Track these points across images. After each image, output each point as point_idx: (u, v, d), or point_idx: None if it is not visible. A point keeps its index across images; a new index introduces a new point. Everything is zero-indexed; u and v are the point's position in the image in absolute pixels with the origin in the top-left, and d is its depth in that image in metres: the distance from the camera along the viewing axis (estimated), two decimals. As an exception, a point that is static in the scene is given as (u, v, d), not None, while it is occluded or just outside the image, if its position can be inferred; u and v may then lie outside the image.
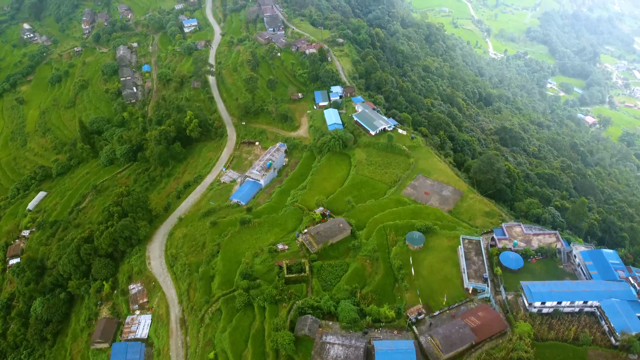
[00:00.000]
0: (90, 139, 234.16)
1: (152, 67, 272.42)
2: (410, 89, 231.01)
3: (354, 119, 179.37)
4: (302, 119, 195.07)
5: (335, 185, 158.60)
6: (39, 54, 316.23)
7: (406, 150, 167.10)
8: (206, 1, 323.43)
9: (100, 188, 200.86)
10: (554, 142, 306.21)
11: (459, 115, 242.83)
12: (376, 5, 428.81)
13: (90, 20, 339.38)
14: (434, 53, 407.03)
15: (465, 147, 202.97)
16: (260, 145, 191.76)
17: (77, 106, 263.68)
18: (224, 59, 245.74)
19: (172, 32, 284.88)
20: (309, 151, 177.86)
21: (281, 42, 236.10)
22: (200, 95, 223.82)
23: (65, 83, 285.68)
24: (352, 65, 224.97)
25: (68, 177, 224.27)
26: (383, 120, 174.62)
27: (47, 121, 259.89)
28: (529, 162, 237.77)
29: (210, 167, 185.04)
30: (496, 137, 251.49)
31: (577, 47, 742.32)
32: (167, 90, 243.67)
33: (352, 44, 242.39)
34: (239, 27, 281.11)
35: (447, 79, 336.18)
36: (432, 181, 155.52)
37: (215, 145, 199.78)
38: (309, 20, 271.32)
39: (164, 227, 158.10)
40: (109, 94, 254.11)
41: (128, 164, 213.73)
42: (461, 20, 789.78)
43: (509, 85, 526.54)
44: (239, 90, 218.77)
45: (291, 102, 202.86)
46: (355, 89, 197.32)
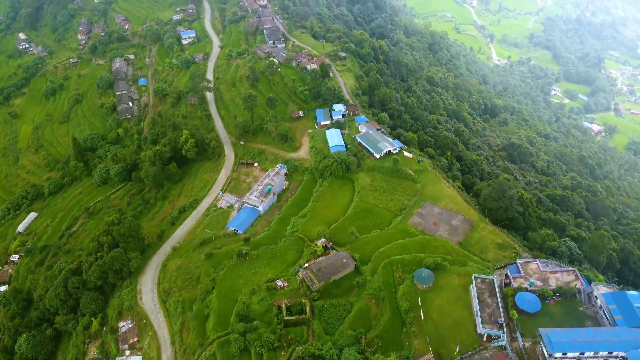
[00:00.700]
0: (84, 157, 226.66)
1: (148, 80, 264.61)
2: (416, 105, 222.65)
3: (357, 141, 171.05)
4: (303, 138, 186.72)
5: (337, 213, 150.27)
6: (34, 66, 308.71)
7: (412, 174, 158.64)
8: (205, 11, 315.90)
9: (92, 210, 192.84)
10: (562, 156, 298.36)
11: (465, 131, 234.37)
12: (379, 14, 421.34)
13: (87, 30, 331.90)
14: (437, 62, 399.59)
15: (473, 168, 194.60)
16: (259, 167, 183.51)
17: (71, 121, 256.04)
18: (222, 73, 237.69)
19: (170, 44, 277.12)
20: (310, 174, 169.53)
21: (281, 56, 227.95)
22: (197, 111, 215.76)
23: (60, 96, 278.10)
24: (355, 81, 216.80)
25: (60, 196, 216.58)
26: (388, 142, 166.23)
27: (40, 137, 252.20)
28: (539, 180, 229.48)
29: (206, 190, 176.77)
30: (504, 154, 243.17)
31: (581, 53, 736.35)
32: (163, 106, 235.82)
33: (355, 58, 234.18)
34: (238, 39, 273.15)
35: (452, 90, 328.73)
36: (440, 209, 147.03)
37: (212, 165, 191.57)
38: (310, 32, 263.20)
39: (157, 257, 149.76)
40: (104, 109, 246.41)
41: (122, 184, 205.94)
42: (464, 25, 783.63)
43: (513, 92, 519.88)
44: (238, 107, 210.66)
45: (291, 121, 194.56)
46: (358, 108, 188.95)
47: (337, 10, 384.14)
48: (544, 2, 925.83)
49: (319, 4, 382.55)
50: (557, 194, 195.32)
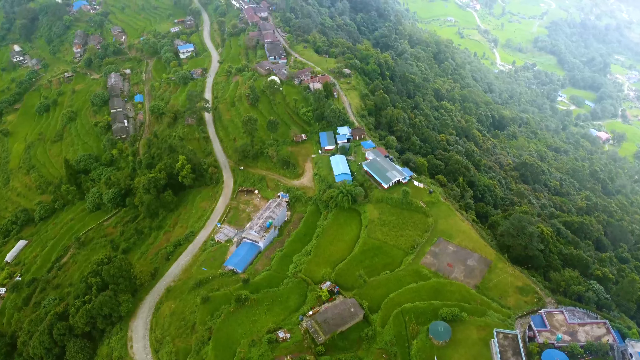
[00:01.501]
0: (76, 179, 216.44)
1: (145, 97, 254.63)
2: (424, 125, 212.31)
3: (364, 169, 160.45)
4: (306, 164, 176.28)
5: (343, 250, 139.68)
6: (28, 80, 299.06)
7: (424, 207, 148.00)
8: (204, 23, 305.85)
9: (84, 240, 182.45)
10: (574, 173, 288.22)
11: (476, 151, 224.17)
12: (382, 22, 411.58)
13: (82, 42, 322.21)
14: (443, 72, 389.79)
15: (486, 194, 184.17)
16: (260, 195, 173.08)
17: (64, 140, 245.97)
18: (221, 91, 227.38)
19: (167, 59, 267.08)
20: (314, 205, 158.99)
21: (283, 74, 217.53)
22: (194, 133, 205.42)
23: (54, 113, 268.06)
24: (360, 100, 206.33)
25: (52, 222, 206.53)
26: (397, 171, 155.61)
27: (32, 156, 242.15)
28: (553, 202, 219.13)
29: (203, 220, 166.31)
30: (516, 174, 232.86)
31: (586, 57, 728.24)
32: (159, 125, 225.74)
33: (360, 75, 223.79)
34: (238, 53, 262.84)
35: (459, 102, 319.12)
36: (454, 246, 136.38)
37: (209, 192, 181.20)
38: (312, 47, 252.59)
39: (150, 298, 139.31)
40: (98, 128, 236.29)
41: (115, 210, 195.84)
42: (467, 30, 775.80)
43: (519, 100, 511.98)
44: (237, 129, 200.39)
45: (294, 145, 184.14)
46: (364, 131, 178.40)
47: (339, 20, 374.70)
48: (548, 5, 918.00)
49: (321, 13, 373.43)
50: (574, 221, 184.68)
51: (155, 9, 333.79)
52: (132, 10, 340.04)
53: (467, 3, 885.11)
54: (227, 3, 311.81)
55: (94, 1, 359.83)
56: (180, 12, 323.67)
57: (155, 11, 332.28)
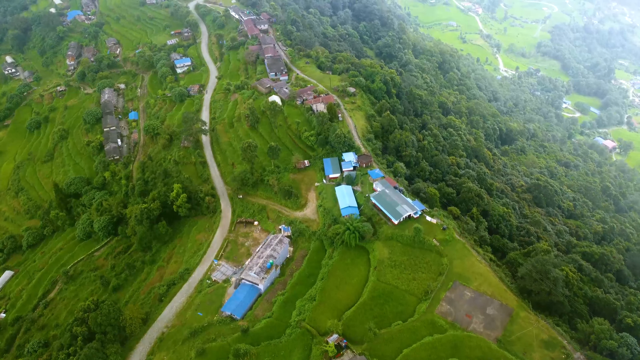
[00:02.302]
0: (66, 204, 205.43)
1: (139, 114, 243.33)
2: (433, 147, 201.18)
3: (372, 202, 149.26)
4: (309, 194, 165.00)
5: (351, 295, 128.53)
6: (19, 95, 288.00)
7: (437, 245, 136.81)
8: (202, 35, 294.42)
9: (72, 273, 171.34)
10: (586, 191, 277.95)
11: (487, 173, 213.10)
12: (385, 31, 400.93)
13: (76, 54, 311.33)
14: (449, 83, 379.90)
15: (501, 224, 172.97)
16: (260, 227, 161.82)
17: (55, 160, 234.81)
18: (219, 110, 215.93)
19: (163, 74, 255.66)
20: (318, 240, 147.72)
21: (284, 93, 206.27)
22: (190, 156, 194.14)
23: (45, 130, 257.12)
24: (366, 121, 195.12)
25: (40, 250, 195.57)
26: (407, 205, 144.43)
27: (21, 178, 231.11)
28: (568, 227, 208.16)
29: (199, 255, 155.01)
30: (529, 196, 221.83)
31: (590, 62, 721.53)
32: (154, 146, 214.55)
33: (366, 93, 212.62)
34: (237, 68, 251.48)
35: (466, 115, 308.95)
36: (472, 292, 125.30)
37: (206, 223, 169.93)
38: (315, 62, 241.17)
39: (141, 348, 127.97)
40: (91, 148, 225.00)
41: (107, 239, 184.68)
42: (470, 35, 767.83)
43: (524, 108, 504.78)
44: (235, 153, 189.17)
45: (296, 172, 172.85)
46: (371, 158, 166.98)
47: (342, 29, 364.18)
48: (551, 9, 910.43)
49: (323, 22, 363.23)
50: (594, 252, 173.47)
51: (152, 20, 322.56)
52: (128, 21, 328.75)
53: (469, 7, 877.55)
54: (225, 14, 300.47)
55: (89, 11, 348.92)
56: (177, 24, 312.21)
57: (151, 22, 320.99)
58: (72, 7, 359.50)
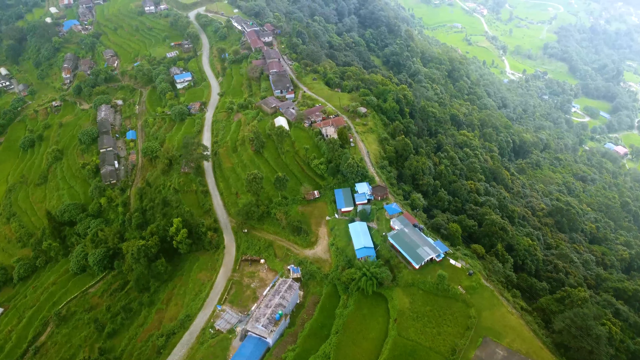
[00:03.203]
0: (60, 232, 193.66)
1: (137, 133, 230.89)
2: (450, 171, 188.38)
3: (390, 242, 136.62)
4: (320, 229, 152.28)
5: (370, 353, 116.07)
6: (13, 110, 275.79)
7: (463, 293, 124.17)
8: (203, 47, 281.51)
9: (65, 314, 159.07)
10: (607, 210, 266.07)
11: (507, 197, 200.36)
12: (393, 39, 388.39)
13: (72, 66, 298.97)
14: (459, 93, 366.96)
15: (527, 259, 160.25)
16: (267, 266, 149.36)
17: (49, 183, 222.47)
18: (222, 132, 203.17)
19: (163, 89, 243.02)
20: (331, 285, 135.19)
21: (291, 114, 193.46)
22: (191, 184, 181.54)
23: (39, 149, 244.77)
24: (379, 145, 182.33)
25: (32, 284, 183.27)
26: (429, 247, 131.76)
27: (13, 202, 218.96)
28: (594, 255, 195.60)
29: (201, 299, 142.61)
30: (550, 221, 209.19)
31: (597, 64, 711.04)
32: (153, 170, 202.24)
33: (377, 114, 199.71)
34: (240, 83, 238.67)
35: (478, 128, 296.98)
36: (504, 350, 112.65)
37: (208, 260, 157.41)
38: (322, 78, 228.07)
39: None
40: (86, 171, 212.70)
41: (102, 274, 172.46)
42: (475, 37, 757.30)
43: (533, 114, 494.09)
44: (239, 180, 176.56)
45: (305, 204, 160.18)
46: (387, 190, 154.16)
47: (348, 38, 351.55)
48: (556, 10, 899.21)
49: (328, 30, 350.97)
50: (627, 288, 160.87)
51: (150, 30, 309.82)
52: (126, 31, 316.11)
53: (474, 8, 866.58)
54: (227, 25, 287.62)
55: (86, 21, 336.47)
56: (177, 35, 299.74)
57: (150, 33, 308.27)
58: (69, 16, 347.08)
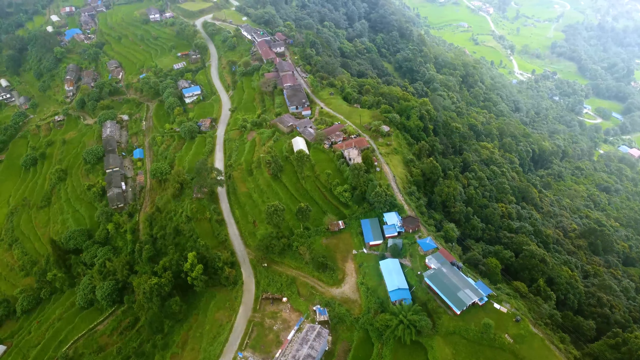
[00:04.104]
0: (65, 261, 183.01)
1: (145, 151, 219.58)
2: (480, 194, 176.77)
3: (427, 282, 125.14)
4: (347, 265, 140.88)
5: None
6: (14, 125, 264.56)
7: (511, 342, 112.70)
8: (211, 58, 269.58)
9: (72, 356, 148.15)
10: (636, 224, 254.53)
11: (538, 218, 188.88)
12: (405, 43, 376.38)
13: (75, 78, 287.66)
14: (474, 99, 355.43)
15: (569, 293, 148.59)
16: (290, 305, 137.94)
17: (52, 206, 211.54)
18: (235, 152, 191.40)
19: (171, 104, 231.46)
20: (362, 330, 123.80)
21: (309, 133, 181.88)
22: (205, 211, 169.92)
23: (41, 168, 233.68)
24: (405, 168, 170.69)
25: (36, 318, 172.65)
26: (470, 289, 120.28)
27: (15, 226, 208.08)
28: (632, 279, 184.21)
29: (220, 343, 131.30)
30: (584, 243, 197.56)
31: (607, 63, 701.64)
32: (163, 193, 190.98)
33: (401, 132, 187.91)
34: (251, 98, 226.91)
35: (497, 138, 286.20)
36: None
37: (226, 297, 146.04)
38: (340, 93, 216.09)
39: None
40: (92, 193, 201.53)
41: (112, 309, 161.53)
42: (482, 36, 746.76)
43: (546, 117, 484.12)
44: (256, 207, 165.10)
45: (329, 235, 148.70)
46: (419, 222, 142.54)
47: (359, 44, 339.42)
48: (563, 7, 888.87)
49: (339, 36, 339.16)
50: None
51: (156, 40, 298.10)
52: (130, 40, 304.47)
53: (479, 6, 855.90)
54: (237, 34, 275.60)
55: (88, 29, 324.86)
56: (183, 44, 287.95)
57: (155, 42, 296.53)
58: (70, 25, 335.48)
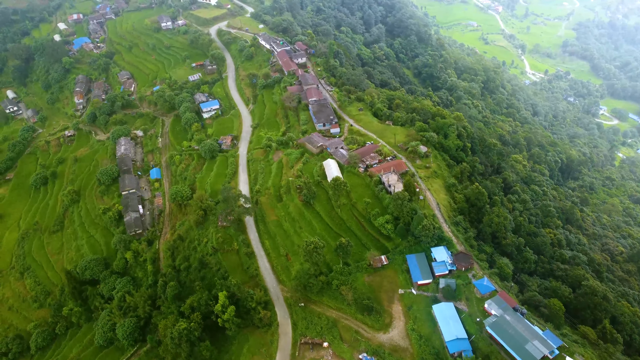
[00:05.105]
0: (81, 293, 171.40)
1: (162, 171, 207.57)
2: (526, 218, 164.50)
3: (488, 332, 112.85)
4: (394, 306, 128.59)
5: None
6: (21, 142, 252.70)
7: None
8: (227, 68, 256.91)
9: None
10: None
11: (585, 243, 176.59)
12: (423, 48, 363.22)
13: (85, 90, 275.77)
14: (498, 107, 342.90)
15: (634, 333, 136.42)
16: (332, 350, 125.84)
17: (65, 230, 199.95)
18: (261, 175, 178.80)
19: (188, 120, 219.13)
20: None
21: (341, 155, 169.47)
22: (232, 242, 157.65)
23: (52, 188, 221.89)
24: (447, 193, 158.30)
25: (52, 357, 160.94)
26: (539, 341, 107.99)
27: (26, 253, 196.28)
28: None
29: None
30: (633, 267, 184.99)
31: (619, 62, 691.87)
32: (183, 217, 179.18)
33: (439, 152, 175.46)
34: (274, 112, 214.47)
35: (525, 148, 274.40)
36: None
37: (260, 341, 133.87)
38: (369, 108, 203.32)
39: None
40: (107, 218, 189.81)
41: (134, 348, 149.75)
42: (491, 35, 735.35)
43: (564, 120, 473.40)
44: (288, 238, 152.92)
45: (371, 272, 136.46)
46: (472, 259, 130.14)
47: (378, 50, 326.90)
48: (572, 5, 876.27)
49: (356, 42, 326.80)
50: None
51: (168, 49, 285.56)
52: (142, 50, 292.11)
53: (488, 5, 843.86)
54: (254, 44, 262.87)
55: (97, 38, 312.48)
56: (197, 54, 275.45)
57: (168, 52, 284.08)
58: (78, 33, 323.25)
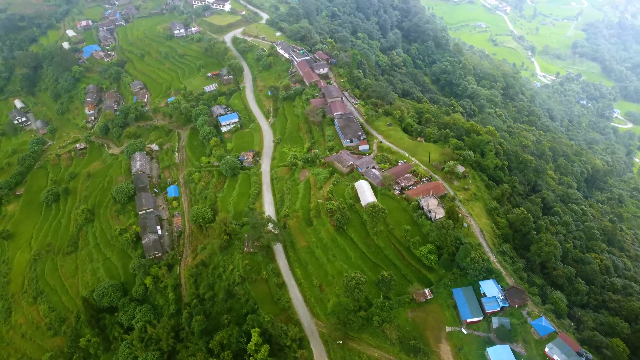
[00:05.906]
0: (98, 321, 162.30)
1: (180, 189, 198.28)
2: (571, 244, 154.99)
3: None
4: (442, 347, 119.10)
5: None
6: (31, 155, 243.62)
7: None
8: (244, 78, 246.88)
9: None
10: None
11: (631, 267, 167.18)
12: (440, 53, 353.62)
13: (96, 100, 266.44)
14: (519, 114, 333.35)
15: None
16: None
17: (80, 251, 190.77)
18: (288, 196, 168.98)
19: (206, 135, 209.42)
20: None
21: (374, 176, 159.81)
22: (260, 270, 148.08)
23: (64, 205, 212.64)
24: (489, 217, 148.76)
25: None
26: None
27: (39, 276, 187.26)
28: None
29: None
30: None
31: (630, 63, 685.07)
32: (205, 240, 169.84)
33: (477, 172, 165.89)
34: (296, 127, 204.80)
35: (551, 160, 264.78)
36: None
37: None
38: (398, 123, 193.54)
39: None
40: (124, 239, 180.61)
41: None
42: (500, 37, 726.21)
43: (579, 124, 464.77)
44: (321, 267, 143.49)
45: (414, 307, 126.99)
46: (525, 294, 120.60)
47: (395, 56, 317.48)
48: (580, 4, 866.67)
49: (373, 47, 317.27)
50: None
51: (182, 57, 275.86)
52: (154, 58, 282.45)
53: (496, 5, 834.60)
54: (272, 53, 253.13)
55: (107, 46, 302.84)
56: (213, 62, 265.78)
57: (182, 60, 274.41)
58: (88, 40, 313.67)
